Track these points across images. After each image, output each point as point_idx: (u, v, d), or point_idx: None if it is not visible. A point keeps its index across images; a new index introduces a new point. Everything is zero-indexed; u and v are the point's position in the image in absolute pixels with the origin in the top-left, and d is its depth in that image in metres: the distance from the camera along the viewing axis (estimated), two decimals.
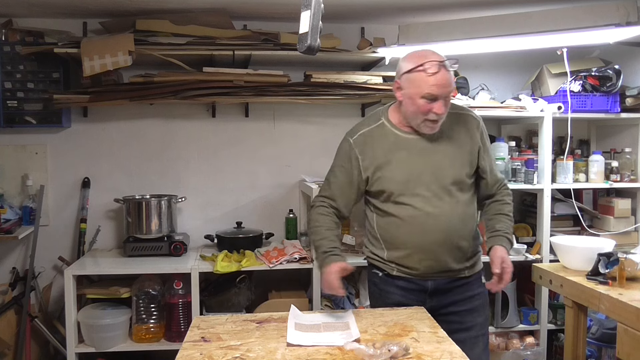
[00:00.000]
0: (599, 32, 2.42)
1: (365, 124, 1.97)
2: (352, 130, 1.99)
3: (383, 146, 1.90)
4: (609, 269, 2.09)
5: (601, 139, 3.52)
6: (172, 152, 3.31)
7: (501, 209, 2.00)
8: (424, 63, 1.75)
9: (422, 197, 1.85)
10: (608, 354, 2.79)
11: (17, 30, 3.03)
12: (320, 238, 1.93)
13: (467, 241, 1.92)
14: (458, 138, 1.91)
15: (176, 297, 2.86)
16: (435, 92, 1.75)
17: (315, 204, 2.01)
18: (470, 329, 1.94)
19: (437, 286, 1.94)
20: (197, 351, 1.55)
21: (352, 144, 1.93)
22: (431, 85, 1.75)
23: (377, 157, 1.89)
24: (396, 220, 1.89)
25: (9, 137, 3.15)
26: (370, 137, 1.92)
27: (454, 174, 1.88)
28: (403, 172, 1.87)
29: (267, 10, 2.99)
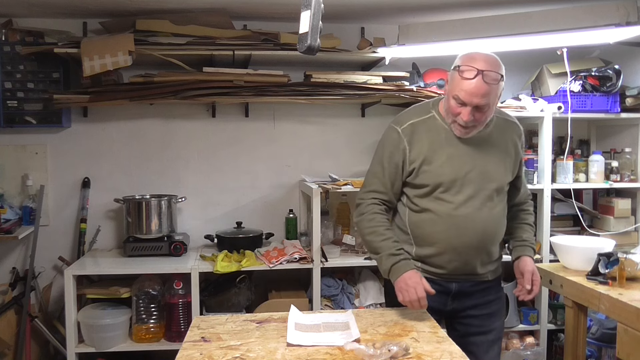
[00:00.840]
0: (599, 32, 2.42)
1: (415, 114, 1.90)
2: (398, 119, 1.92)
3: (433, 139, 1.84)
4: (609, 269, 2.09)
5: (601, 139, 3.52)
6: (172, 152, 3.31)
7: (526, 218, 2.03)
8: (462, 65, 1.72)
9: (465, 197, 1.82)
10: (608, 354, 2.79)
11: (17, 30, 3.03)
12: (383, 239, 1.84)
13: (496, 245, 1.93)
14: (506, 145, 1.89)
15: (176, 297, 2.86)
16: (463, 98, 1.72)
17: (364, 201, 1.91)
18: (488, 333, 1.93)
19: (460, 289, 1.91)
20: (197, 351, 1.55)
21: (400, 133, 1.86)
22: (461, 89, 1.72)
23: (426, 149, 1.84)
24: (432, 216, 1.84)
25: (9, 137, 3.15)
26: (420, 128, 1.86)
27: (499, 179, 1.86)
28: (451, 169, 1.82)
29: (267, 10, 2.99)
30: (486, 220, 1.84)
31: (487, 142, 1.86)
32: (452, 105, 1.76)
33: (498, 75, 1.71)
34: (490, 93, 1.71)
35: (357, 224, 1.93)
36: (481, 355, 1.58)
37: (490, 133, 1.87)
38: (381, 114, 3.40)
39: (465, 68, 1.70)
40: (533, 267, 1.91)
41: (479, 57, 1.73)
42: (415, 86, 3.13)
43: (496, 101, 1.78)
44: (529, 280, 1.88)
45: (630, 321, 1.83)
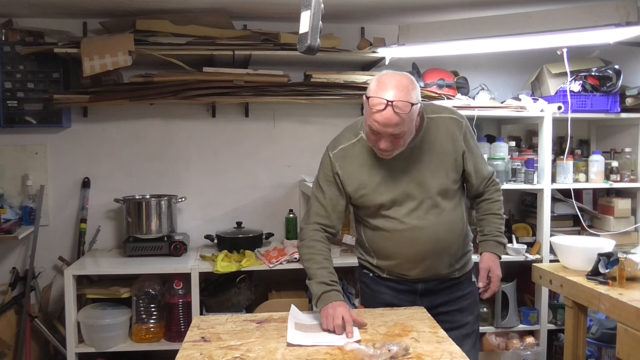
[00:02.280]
0: (599, 32, 2.42)
1: (345, 137, 1.89)
2: (333, 142, 1.91)
3: (364, 163, 1.83)
4: (609, 269, 2.09)
5: (601, 139, 3.52)
6: (172, 152, 3.31)
7: (489, 208, 1.99)
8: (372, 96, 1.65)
9: (407, 210, 1.83)
10: (608, 354, 2.79)
11: (17, 30, 3.03)
12: (319, 267, 1.81)
13: (456, 245, 1.91)
14: (440, 145, 1.83)
15: (176, 297, 2.86)
16: (377, 129, 1.66)
17: (307, 227, 1.89)
18: (461, 328, 1.95)
19: (427, 287, 1.94)
20: (197, 351, 1.55)
21: (332, 159, 1.87)
22: (373, 120, 1.65)
23: (358, 174, 1.84)
24: (384, 233, 1.87)
25: (9, 137, 3.15)
26: (350, 152, 1.85)
27: (439, 184, 1.83)
28: (387, 189, 1.82)
29: (267, 10, 2.99)
30: (435, 227, 1.83)
31: (419, 150, 1.82)
32: (368, 133, 1.72)
33: (408, 105, 1.63)
34: (402, 122, 1.65)
35: (298, 249, 1.92)
36: None
37: (421, 140, 1.82)
38: None
39: (375, 100, 1.63)
40: (488, 265, 1.91)
41: (389, 84, 1.65)
42: None
43: (412, 123, 1.70)
44: (483, 278, 1.91)
45: (630, 321, 1.83)
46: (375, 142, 1.72)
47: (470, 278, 2.02)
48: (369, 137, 1.74)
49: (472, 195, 2.00)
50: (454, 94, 3.19)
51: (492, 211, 1.99)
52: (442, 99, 3.08)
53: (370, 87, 1.70)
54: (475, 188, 1.96)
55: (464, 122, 1.88)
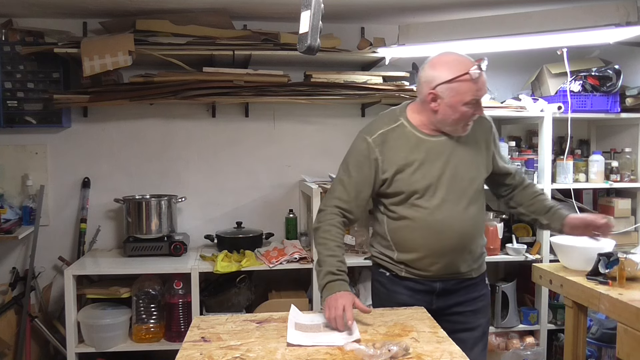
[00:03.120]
0: (599, 32, 2.42)
1: (383, 122, 1.89)
2: (368, 128, 1.90)
3: (404, 147, 1.84)
4: (609, 269, 2.08)
5: (601, 139, 3.52)
6: (172, 152, 3.31)
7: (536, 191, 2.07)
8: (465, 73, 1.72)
9: (439, 201, 1.82)
10: (608, 354, 2.79)
11: (17, 30, 3.03)
12: (329, 254, 1.81)
13: (477, 243, 1.92)
14: (476, 142, 1.89)
15: (176, 297, 2.86)
16: (480, 97, 1.77)
17: (325, 209, 1.88)
18: (473, 330, 1.94)
19: (444, 287, 1.92)
20: (197, 351, 1.55)
21: (370, 144, 1.85)
22: (476, 90, 1.74)
23: (398, 158, 1.84)
24: (410, 223, 1.85)
25: (9, 137, 3.15)
26: (390, 137, 1.85)
27: (472, 178, 1.86)
28: (424, 175, 1.82)
29: (267, 10, 2.99)
30: (463, 221, 1.85)
31: (457, 143, 1.86)
32: (465, 111, 1.76)
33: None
34: None
35: (314, 231, 1.92)
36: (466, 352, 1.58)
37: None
38: None
39: (472, 72, 1.72)
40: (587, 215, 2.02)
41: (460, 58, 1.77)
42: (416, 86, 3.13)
43: None
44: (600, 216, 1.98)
45: (630, 321, 1.83)
46: (473, 114, 1.79)
47: (485, 280, 2.02)
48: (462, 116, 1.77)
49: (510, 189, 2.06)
50: None
51: (539, 192, 2.08)
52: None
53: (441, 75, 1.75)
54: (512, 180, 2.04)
55: (493, 124, 1.98)
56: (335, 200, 1.88)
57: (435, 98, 1.78)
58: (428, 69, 1.80)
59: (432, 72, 1.78)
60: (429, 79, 1.78)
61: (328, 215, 1.87)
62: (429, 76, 1.79)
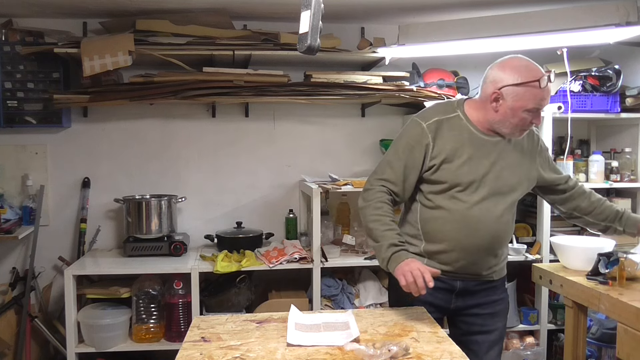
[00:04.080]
0: (599, 32, 2.42)
1: (439, 111, 1.90)
2: (423, 114, 1.91)
3: (456, 138, 1.85)
4: (609, 269, 2.08)
5: (601, 139, 3.52)
6: (172, 152, 3.31)
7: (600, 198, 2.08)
8: (539, 79, 1.74)
9: (479, 198, 1.83)
10: (608, 354, 2.79)
11: (17, 30, 3.03)
12: (386, 229, 1.80)
13: (504, 248, 1.94)
14: (523, 152, 1.92)
15: (176, 297, 2.86)
16: (543, 106, 1.78)
17: (373, 188, 1.87)
18: (490, 333, 1.94)
19: (465, 287, 1.92)
20: (197, 351, 1.55)
21: (425, 129, 1.85)
22: (541, 99, 1.76)
23: (449, 148, 1.84)
24: (445, 214, 1.85)
25: (9, 137, 3.15)
26: (444, 125, 1.86)
27: (514, 182, 1.88)
28: (470, 170, 1.83)
29: (267, 10, 2.99)
30: (497, 223, 1.85)
31: (507, 147, 1.88)
32: (524, 117, 1.78)
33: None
34: None
35: (362, 210, 1.88)
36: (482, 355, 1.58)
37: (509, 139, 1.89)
38: (381, 114, 3.40)
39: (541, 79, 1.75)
40: None
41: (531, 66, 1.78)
42: (415, 86, 3.13)
43: None
44: None
45: (630, 321, 1.83)
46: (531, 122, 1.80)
47: (504, 284, 2.02)
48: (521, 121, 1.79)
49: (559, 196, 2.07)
50: (454, 94, 3.19)
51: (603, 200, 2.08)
52: (442, 99, 3.07)
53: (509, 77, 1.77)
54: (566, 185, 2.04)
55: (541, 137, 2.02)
56: (382, 181, 1.87)
57: (499, 98, 1.79)
58: (497, 69, 1.81)
59: (501, 73, 1.79)
60: (497, 79, 1.80)
61: (377, 194, 1.86)
62: (497, 76, 1.80)
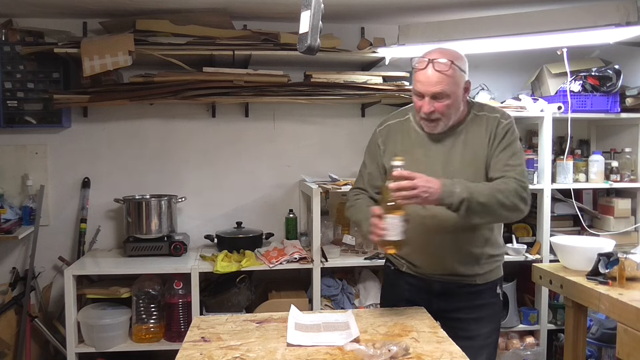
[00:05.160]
0: (599, 32, 2.42)
1: (394, 116, 1.99)
2: (382, 120, 2.02)
3: (403, 141, 1.91)
4: (609, 269, 2.09)
5: (601, 139, 3.52)
6: (172, 152, 3.31)
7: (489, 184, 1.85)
8: (417, 59, 1.78)
9: None
10: (608, 354, 2.79)
11: (17, 30, 3.03)
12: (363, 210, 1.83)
13: (480, 248, 1.89)
14: (477, 142, 1.85)
15: (176, 297, 2.86)
16: (419, 89, 1.77)
17: (349, 195, 2.03)
18: (474, 339, 1.90)
19: (443, 288, 1.92)
20: (197, 351, 1.55)
21: (377, 133, 1.98)
22: (417, 81, 1.78)
23: (397, 150, 1.88)
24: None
25: (9, 137, 3.15)
26: (394, 129, 1.95)
27: (468, 177, 1.80)
28: (419, 170, 1.78)
29: (267, 10, 2.99)
30: (454, 220, 1.76)
31: (457, 143, 1.85)
32: (415, 101, 1.82)
33: (449, 63, 1.73)
34: (443, 81, 1.73)
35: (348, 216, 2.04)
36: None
37: (461, 132, 1.85)
38: (381, 114, 3.39)
39: (418, 60, 1.77)
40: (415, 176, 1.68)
41: (434, 50, 1.80)
42: None
43: (458, 92, 1.79)
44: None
45: (630, 321, 1.83)
46: (420, 109, 1.79)
47: (495, 289, 1.97)
48: (415, 107, 1.82)
49: None
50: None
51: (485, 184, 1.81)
52: None
53: None
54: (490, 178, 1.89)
55: (504, 122, 1.83)
56: (356, 190, 2.03)
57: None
58: None
59: None
60: None
61: (352, 197, 2.01)
62: None
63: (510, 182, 1.75)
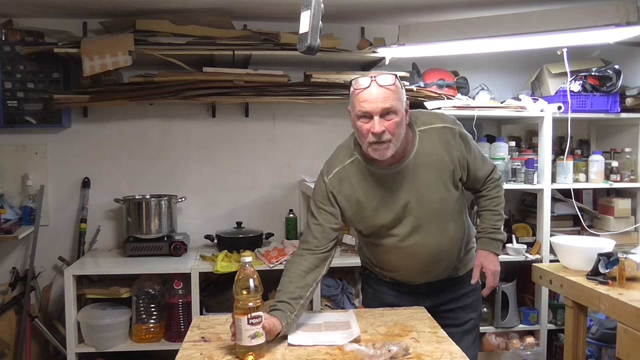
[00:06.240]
0: (599, 32, 2.42)
1: (339, 159, 1.82)
2: (325, 168, 1.85)
3: (361, 185, 1.78)
4: (609, 269, 2.08)
5: (601, 139, 3.52)
6: (172, 152, 3.31)
7: (486, 205, 1.96)
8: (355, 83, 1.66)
9: (410, 227, 1.80)
10: (608, 354, 2.79)
11: (17, 30, 3.03)
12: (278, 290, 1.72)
13: (458, 250, 1.91)
14: (437, 158, 1.78)
15: (176, 297, 2.86)
16: (366, 108, 1.63)
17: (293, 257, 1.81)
18: (463, 325, 1.96)
19: (429, 288, 1.94)
20: (197, 351, 1.55)
21: (327, 185, 1.80)
22: (362, 101, 1.64)
23: (356, 197, 1.78)
24: (385, 248, 1.86)
25: (9, 137, 3.15)
26: (345, 175, 1.79)
27: (440, 197, 1.79)
28: (387, 210, 1.78)
29: (267, 10, 2.99)
30: (437, 240, 1.82)
31: (414, 165, 1.76)
32: (361, 126, 1.67)
33: (392, 77, 1.64)
34: (390, 96, 1.63)
35: None
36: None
37: (415, 155, 1.76)
38: None
39: (359, 81, 1.65)
40: (480, 261, 1.90)
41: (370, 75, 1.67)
42: (415, 86, 3.13)
43: (402, 109, 1.67)
44: (476, 275, 1.89)
45: (630, 321, 1.83)
46: (369, 132, 1.65)
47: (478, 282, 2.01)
48: (361, 133, 1.67)
49: (471, 191, 2.00)
50: (454, 94, 3.19)
51: (488, 207, 1.96)
52: (442, 99, 3.08)
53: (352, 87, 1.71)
54: (472, 187, 1.95)
55: (456, 128, 1.81)
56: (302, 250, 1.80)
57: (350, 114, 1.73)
58: None
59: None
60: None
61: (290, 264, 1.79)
62: None
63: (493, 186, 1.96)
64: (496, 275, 1.90)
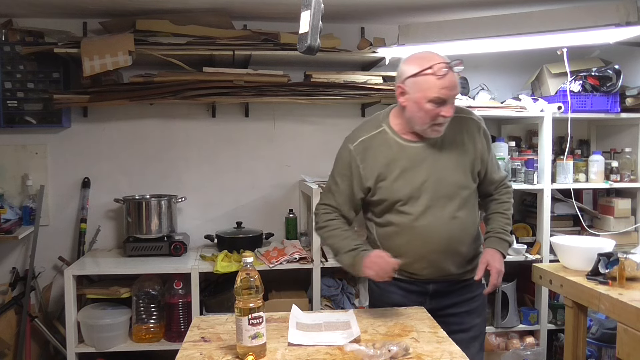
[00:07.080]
0: (599, 32, 2.42)
1: (365, 129, 1.90)
2: (351, 136, 1.92)
3: (385, 155, 1.84)
4: (609, 269, 2.09)
5: (601, 139, 3.52)
6: (172, 152, 3.31)
7: (496, 207, 2.00)
8: (432, 66, 1.70)
9: (424, 206, 1.82)
10: (608, 354, 2.79)
11: (17, 30, 3.03)
12: (342, 238, 1.86)
13: (467, 246, 1.92)
14: (461, 143, 1.86)
15: (176, 297, 2.86)
16: (444, 95, 1.71)
17: (319, 212, 1.95)
18: (469, 330, 1.95)
19: (437, 289, 1.94)
20: (197, 351, 1.55)
21: (352, 152, 1.86)
22: (440, 88, 1.70)
23: (379, 166, 1.84)
24: (396, 229, 1.87)
25: (9, 137, 3.15)
26: (370, 144, 1.86)
27: (457, 181, 1.85)
28: (406, 182, 1.82)
29: (267, 10, 2.99)
30: (449, 225, 1.84)
31: (440, 147, 1.84)
32: (429, 109, 1.73)
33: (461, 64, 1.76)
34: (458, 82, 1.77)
35: (317, 233, 1.99)
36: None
37: (442, 136, 1.83)
38: None
39: (436, 68, 1.70)
40: (486, 259, 1.89)
41: (431, 55, 1.75)
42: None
43: None
44: (480, 271, 1.88)
45: (630, 321, 1.83)
46: (437, 114, 1.74)
47: (480, 280, 2.00)
48: (427, 115, 1.74)
49: (483, 194, 2.02)
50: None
51: (498, 210, 2.00)
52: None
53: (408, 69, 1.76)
54: (486, 189, 1.99)
55: (482, 124, 1.92)
56: (325, 207, 1.94)
57: (404, 92, 1.78)
58: (401, 64, 1.81)
59: (404, 66, 1.79)
60: (400, 74, 1.80)
61: (322, 216, 1.94)
62: (400, 71, 1.81)
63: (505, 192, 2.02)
64: (500, 275, 1.90)
